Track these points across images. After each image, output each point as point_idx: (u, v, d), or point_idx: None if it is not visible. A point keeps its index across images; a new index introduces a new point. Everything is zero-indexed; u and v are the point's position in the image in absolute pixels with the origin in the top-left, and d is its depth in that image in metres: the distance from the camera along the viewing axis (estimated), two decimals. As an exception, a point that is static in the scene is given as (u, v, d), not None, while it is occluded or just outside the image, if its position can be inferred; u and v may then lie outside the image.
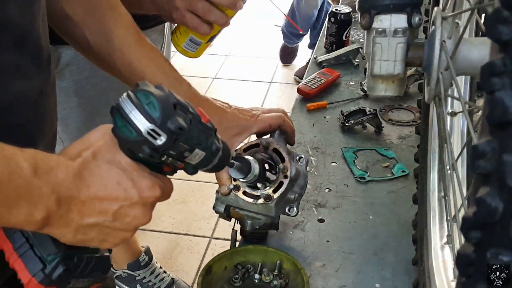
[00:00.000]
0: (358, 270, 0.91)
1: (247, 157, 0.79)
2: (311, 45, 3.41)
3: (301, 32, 3.38)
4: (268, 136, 0.91)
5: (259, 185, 0.87)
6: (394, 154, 1.19)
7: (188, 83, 0.86)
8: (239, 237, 0.96)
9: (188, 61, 0.87)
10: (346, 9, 1.59)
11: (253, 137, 0.92)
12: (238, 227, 0.93)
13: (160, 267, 1.87)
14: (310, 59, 1.67)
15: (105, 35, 0.79)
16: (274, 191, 0.86)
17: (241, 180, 0.80)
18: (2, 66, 0.58)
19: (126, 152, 0.54)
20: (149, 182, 0.55)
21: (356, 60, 1.55)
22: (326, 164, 1.17)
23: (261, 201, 0.85)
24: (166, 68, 0.84)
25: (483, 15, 0.87)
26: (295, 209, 0.90)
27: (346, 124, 1.26)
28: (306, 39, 3.51)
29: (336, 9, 1.59)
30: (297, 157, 0.91)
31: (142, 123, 0.51)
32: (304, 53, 3.58)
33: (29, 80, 0.63)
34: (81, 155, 0.53)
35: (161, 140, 0.52)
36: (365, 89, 1.40)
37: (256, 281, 0.87)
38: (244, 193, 0.87)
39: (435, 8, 0.75)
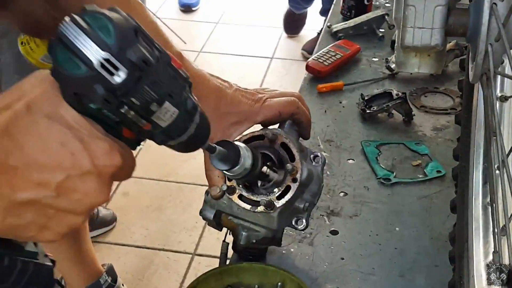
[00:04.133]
0: (380, 296, 0.92)
1: (237, 143, 0.77)
2: (324, 12, 3.41)
3: None
4: (276, 126, 0.91)
5: (259, 186, 0.86)
6: (427, 149, 1.19)
7: (179, 52, 0.85)
8: (230, 252, 0.96)
9: (168, 30, 0.87)
10: (369, -35, 1.59)
11: (258, 127, 0.91)
12: (230, 238, 0.93)
13: (128, 291, 1.87)
14: (322, 28, 1.67)
15: None
16: (279, 198, 0.84)
17: (226, 173, 0.77)
18: None
19: (72, 103, 0.51)
20: (106, 144, 0.52)
21: (381, 30, 1.54)
22: (341, 161, 1.17)
23: (261, 208, 0.84)
24: (152, 30, 0.84)
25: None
26: (304, 221, 0.89)
27: (368, 111, 1.26)
28: (317, 4, 3.51)
29: (356, -35, 1.59)
30: (312, 156, 0.90)
31: (94, 51, 0.48)
32: (314, 22, 3.58)
33: None
34: (10, 107, 0.50)
35: (119, 76, 0.48)
36: (392, 66, 1.40)
37: (251, 307, 0.87)
38: (240, 197, 0.85)
39: (484, -37, 0.74)
